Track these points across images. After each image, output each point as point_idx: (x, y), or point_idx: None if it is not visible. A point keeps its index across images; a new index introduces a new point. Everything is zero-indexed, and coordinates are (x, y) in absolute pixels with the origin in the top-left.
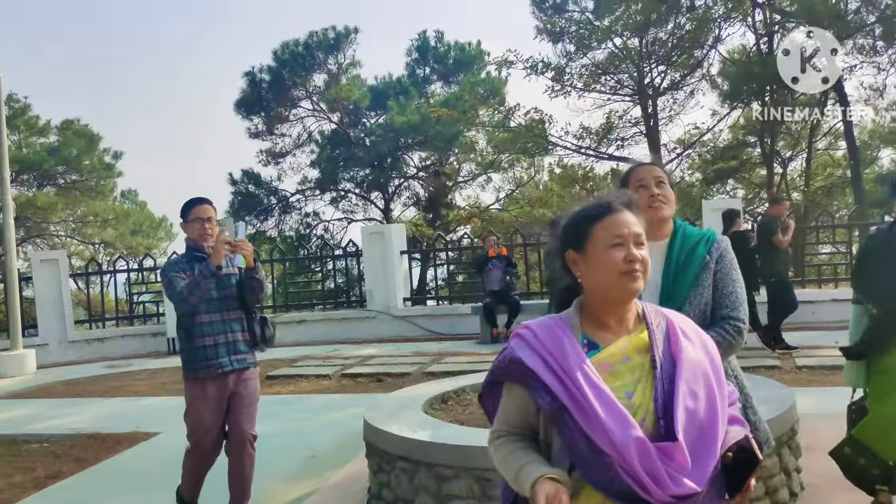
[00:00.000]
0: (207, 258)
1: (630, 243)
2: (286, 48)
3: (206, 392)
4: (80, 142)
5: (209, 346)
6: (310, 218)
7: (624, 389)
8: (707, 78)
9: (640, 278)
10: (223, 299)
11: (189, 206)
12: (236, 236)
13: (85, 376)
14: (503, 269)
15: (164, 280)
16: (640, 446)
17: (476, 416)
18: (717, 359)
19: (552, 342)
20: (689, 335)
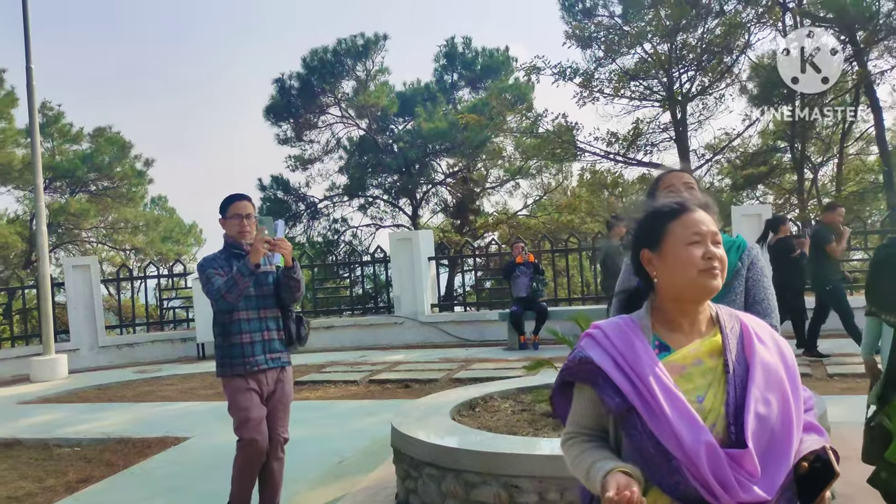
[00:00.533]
0: (245, 255)
1: (708, 241)
2: (315, 55)
3: (247, 383)
4: (112, 149)
5: (245, 343)
6: (338, 224)
7: (695, 393)
8: (737, 83)
9: (719, 276)
10: (260, 297)
11: (228, 202)
12: (275, 235)
13: (115, 381)
14: (531, 276)
15: (202, 276)
16: (710, 452)
17: (503, 423)
18: (792, 364)
19: (623, 342)
20: (764, 340)
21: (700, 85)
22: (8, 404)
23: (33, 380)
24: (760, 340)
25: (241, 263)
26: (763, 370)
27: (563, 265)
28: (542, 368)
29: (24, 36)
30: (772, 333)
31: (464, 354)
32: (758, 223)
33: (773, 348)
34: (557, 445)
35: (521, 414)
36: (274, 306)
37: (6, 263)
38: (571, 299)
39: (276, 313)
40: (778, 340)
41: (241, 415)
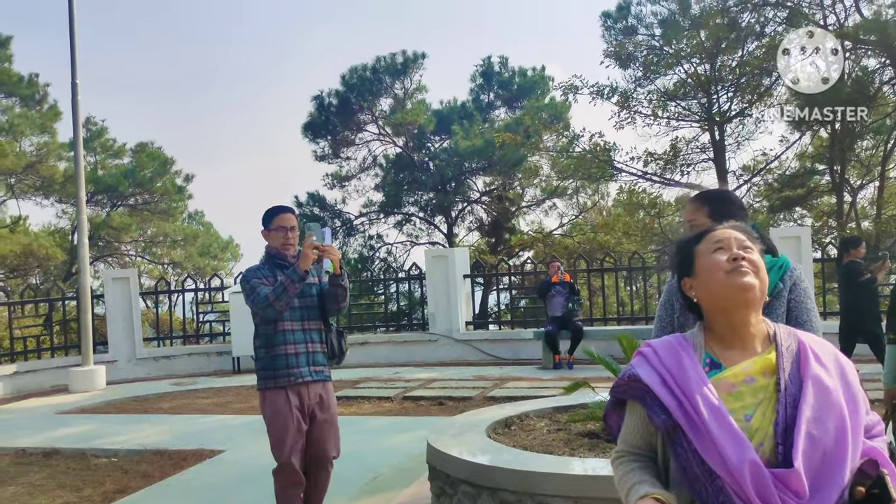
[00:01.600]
0: (289, 266)
1: (733, 246)
2: (354, 72)
3: (288, 401)
4: (153, 164)
5: (290, 354)
6: (373, 241)
7: (743, 412)
8: (776, 104)
9: (750, 273)
10: (304, 308)
11: (272, 214)
12: (324, 241)
13: (152, 393)
14: (566, 296)
15: (246, 286)
16: (754, 471)
17: (539, 442)
18: (855, 386)
19: (672, 359)
20: (823, 360)
21: (739, 106)
22: (47, 414)
23: (72, 390)
24: (818, 360)
25: (291, 269)
26: (817, 390)
27: (598, 285)
28: (579, 389)
29: (70, 51)
30: (835, 354)
31: (498, 373)
32: (796, 245)
33: (833, 369)
34: (592, 466)
35: (556, 433)
36: (318, 318)
37: (46, 275)
38: (607, 319)
39: (320, 325)
40: (840, 361)
41: (280, 435)
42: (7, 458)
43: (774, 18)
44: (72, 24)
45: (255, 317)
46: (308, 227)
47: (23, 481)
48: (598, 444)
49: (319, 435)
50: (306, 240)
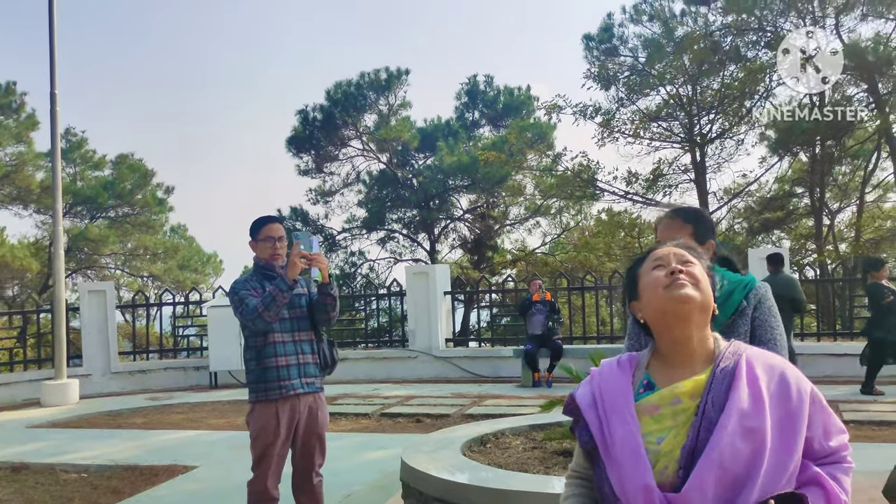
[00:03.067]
0: (279, 277)
1: (672, 261)
2: (339, 88)
3: (276, 417)
4: (133, 176)
5: (281, 366)
6: (356, 257)
7: (658, 434)
8: (757, 127)
9: (688, 285)
10: (294, 319)
11: (259, 224)
12: (312, 250)
13: (126, 408)
14: (546, 314)
15: (235, 298)
16: (647, 495)
17: (514, 460)
18: (797, 411)
19: (608, 380)
20: (762, 381)
21: (720, 128)
22: (17, 428)
23: (44, 404)
24: (753, 382)
25: (279, 279)
26: (738, 414)
27: (579, 303)
28: (556, 407)
29: (50, 61)
30: (782, 375)
31: (477, 390)
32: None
33: (772, 391)
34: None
35: (532, 451)
36: (308, 329)
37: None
38: (587, 337)
39: (311, 336)
40: (788, 383)
41: (260, 457)
42: None
43: (756, 43)
44: (51, 34)
45: (244, 329)
46: (295, 235)
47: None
48: None
49: (306, 445)
50: (294, 248)
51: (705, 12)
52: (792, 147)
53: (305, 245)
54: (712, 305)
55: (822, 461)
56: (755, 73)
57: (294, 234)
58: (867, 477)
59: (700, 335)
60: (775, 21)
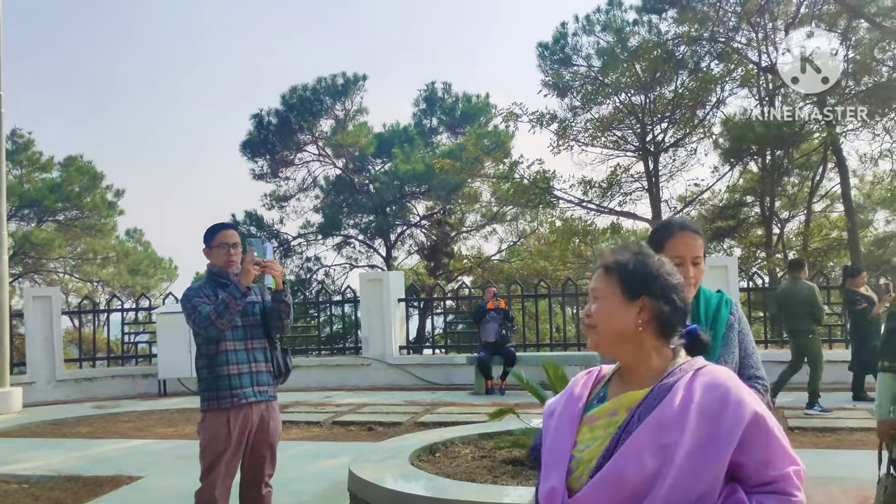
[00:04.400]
0: (232, 284)
1: (589, 301)
2: (294, 92)
3: (227, 426)
4: (82, 179)
5: (233, 375)
6: (311, 262)
7: (586, 443)
8: (708, 137)
9: (590, 334)
10: (247, 327)
11: (213, 231)
12: (265, 257)
13: (71, 416)
14: (500, 322)
15: (188, 305)
16: (550, 497)
17: (462, 469)
18: (727, 433)
19: (569, 389)
20: (697, 401)
21: (673, 137)
22: None
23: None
24: (683, 401)
25: (232, 286)
26: (652, 429)
27: (534, 310)
28: (506, 416)
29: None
30: (723, 398)
31: (430, 398)
32: (724, 275)
33: (703, 412)
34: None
35: (480, 460)
36: (261, 337)
37: None
38: (540, 345)
39: (264, 344)
40: (728, 402)
41: (209, 467)
42: None
43: (709, 53)
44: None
45: (196, 336)
46: (249, 242)
47: None
48: (521, 471)
49: (257, 455)
50: (247, 255)
51: (657, 22)
52: (743, 157)
53: (259, 252)
54: (627, 332)
55: (756, 489)
56: (707, 84)
57: (248, 240)
58: (811, 483)
59: (638, 357)
60: (727, 33)
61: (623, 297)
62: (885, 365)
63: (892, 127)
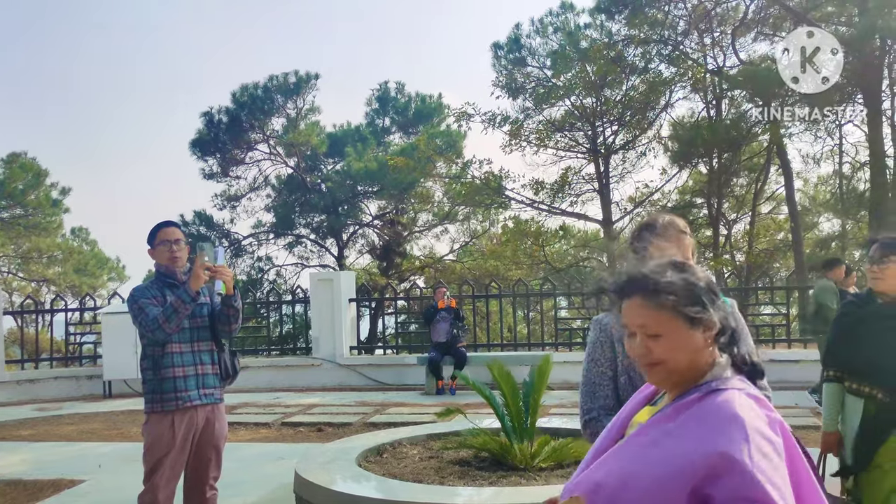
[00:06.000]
0: (181, 284)
1: (636, 335)
2: (245, 90)
3: (172, 429)
4: (26, 176)
5: (178, 377)
6: (262, 262)
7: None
8: (657, 139)
9: (656, 374)
10: (194, 329)
11: (155, 230)
12: (216, 261)
13: (11, 419)
14: (451, 322)
15: (134, 306)
16: (563, 494)
17: (409, 470)
18: (688, 464)
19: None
20: (697, 420)
21: (623, 139)
22: None
23: None
24: (676, 417)
25: (181, 290)
26: (634, 442)
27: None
28: (453, 416)
29: None
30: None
31: (381, 398)
32: None
33: (694, 431)
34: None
35: (428, 461)
36: (208, 339)
37: None
38: (491, 345)
39: (211, 346)
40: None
41: (156, 463)
42: None
43: (657, 55)
44: None
45: (142, 338)
46: (200, 246)
47: None
48: (467, 471)
49: (202, 458)
50: (197, 259)
51: (609, 25)
52: (691, 159)
53: (210, 256)
54: (699, 354)
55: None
56: (657, 86)
57: (199, 245)
58: None
59: (681, 380)
60: (677, 38)
61: (686, 325)
62: (831, 374)
63: (833, 129)
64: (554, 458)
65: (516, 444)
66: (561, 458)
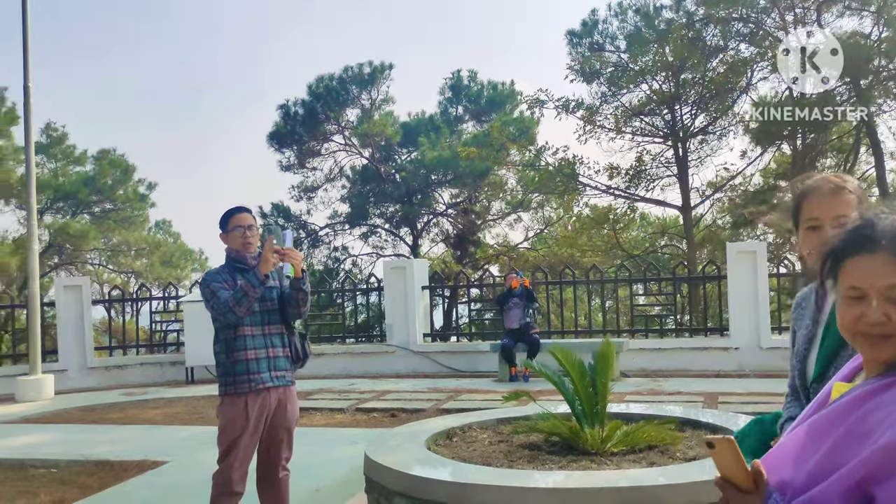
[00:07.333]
0: (251, 269)
1: (872, 299)
2: (321, 82)
3: (245, 410)
4: (115, 172)
5: (251, 360)
6: (338, 252)
7: None
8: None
9: (888, 343)
10: (265, 313)
11: (228, 215)
12: (285, 244)
13: (101, 403)
14: (522, 308)
15: (206, 290)
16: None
17: (479, 454)
18: (851, 452)
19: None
20: (862, 410)
21: (702, 122)
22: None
23: (18, 400)
24: (851, 405)
25: (251, 273)
26: (808, 429)
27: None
28: (519, 399)
29: (23, 54)
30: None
31: (454, 385)
32: (752, 260)
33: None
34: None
35: (497, 445)
36: (279, 322)
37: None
38: (565, 332)
39: (281, 330)
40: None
41: (227, 450)
42: None
43: (738, 34)
44: (24, 27)
45: (215, 321)
46: (268, 229)
47: None
48: (537, 455)
49: (274, 439)
50: (267, 243)
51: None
52: (775, 140)
53: (278, 240)
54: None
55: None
56: (737, 67)
57: (267, 228)
58: None
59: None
60: (759, 17)
61: None
62: None
63: None
64: (626, 442)
65: (587, 428)
66: (633, 443)
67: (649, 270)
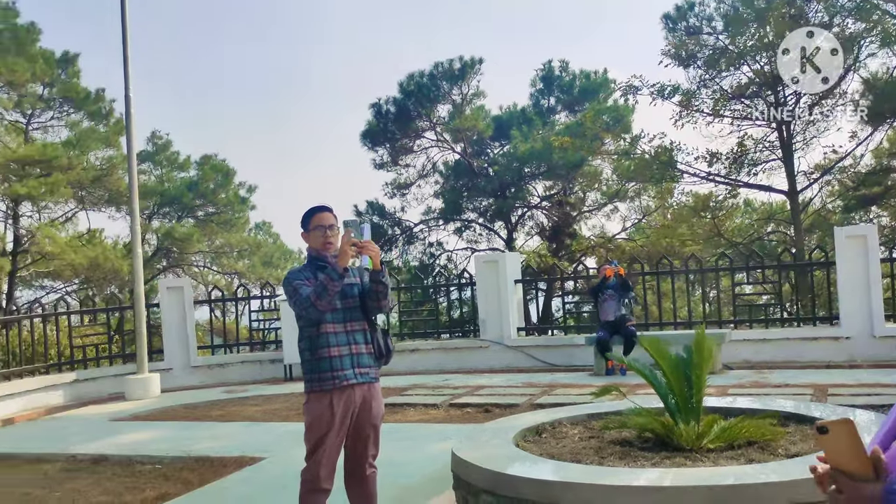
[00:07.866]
0: (330, 266)
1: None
2: (412, 79)
3: (330, 408)
4: (216, 176)
5: (335, 356)
6: (433, 248)
7: None
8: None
9: None
10: (346, 310)
11: (309, 214)
12: (362, 237)
13: (203, 401)
14: (617, 299)
15: (289, 288)
16: None
17: (568, 450)
18: None
19: None
20: None
21: (807, 103)
22: (101, 421)
23: (128, 398)
24: None
25: (329, 269)
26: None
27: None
28: (608, 394)
29: (123, 65)
30: None
31: (548, 379)
32: (863, 245)
33: None
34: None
35: (588, 441)
36: (361, 319)
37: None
38: (663, 323)
39: (364, 326)
40: None
41: (314, 447)
42: (58, 464)
43: (842, 8)
44: (124, 39)
45: (298, 319)
46: (345, 223)
47: (68, 487)
48: (629, 452)
49: (360, 436)
50: (344, 236)
51: None
52: (886, 119)
53: (356, 233)
54: None
55: None
56: (843, 44)
57: (344, 221)
58: None
59: None
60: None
61: None
62: None
63: None
64: (723, 438)
65: (681, 423)
66: (731, 439)
67: (752, 258)
